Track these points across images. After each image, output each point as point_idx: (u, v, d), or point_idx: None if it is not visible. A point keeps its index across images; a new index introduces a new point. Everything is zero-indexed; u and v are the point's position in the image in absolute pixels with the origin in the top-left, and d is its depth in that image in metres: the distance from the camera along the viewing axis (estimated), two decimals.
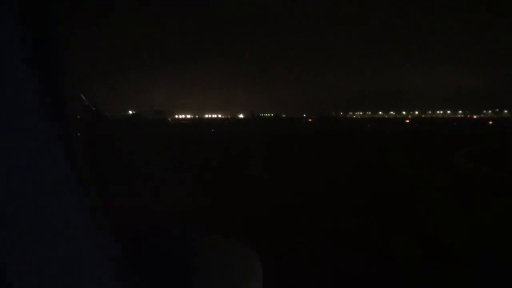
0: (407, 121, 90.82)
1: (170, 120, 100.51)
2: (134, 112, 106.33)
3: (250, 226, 5.62)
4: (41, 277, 0.52)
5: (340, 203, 7.32)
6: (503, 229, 5.50)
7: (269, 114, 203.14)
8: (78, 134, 0.60)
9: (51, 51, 0.57)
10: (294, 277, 4.14)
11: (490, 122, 78.05)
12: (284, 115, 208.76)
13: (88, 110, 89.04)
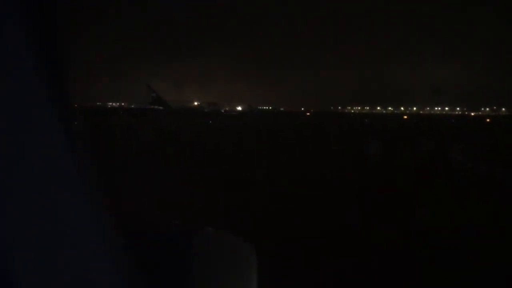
0: (405, 117, 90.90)
1: (223, 111, 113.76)
2: (198, 103, 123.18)
3: None
4: (45, 275, 0.51)
5: None
6: None
7: (267, 107, 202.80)
8: (75, 122, 0.59)
9: (54, 49, 0.56)
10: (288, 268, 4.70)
11: (488, 120, 78.37)
12: (282, 109, 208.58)
13: (155, 101, 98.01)
